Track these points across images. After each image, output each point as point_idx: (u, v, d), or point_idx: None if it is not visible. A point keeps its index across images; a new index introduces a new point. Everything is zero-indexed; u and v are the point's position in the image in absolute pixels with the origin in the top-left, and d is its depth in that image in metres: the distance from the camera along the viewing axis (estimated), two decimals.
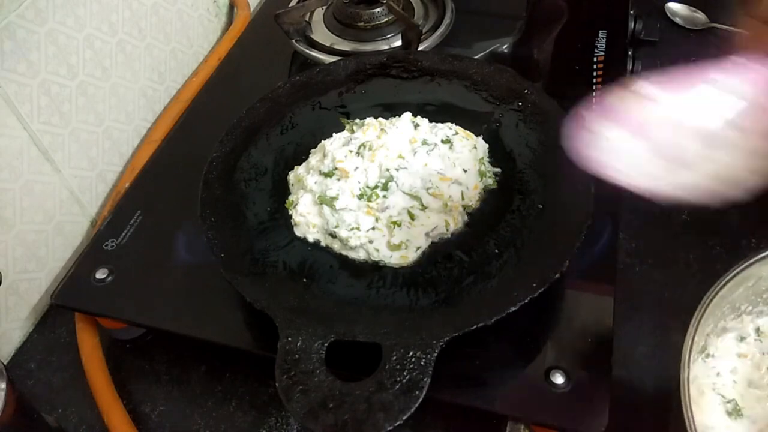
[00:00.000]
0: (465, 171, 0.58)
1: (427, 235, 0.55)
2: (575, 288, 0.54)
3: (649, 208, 0.69)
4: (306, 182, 0.58)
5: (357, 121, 0.63)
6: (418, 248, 0.54)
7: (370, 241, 0.54)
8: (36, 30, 0.60)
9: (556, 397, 0.47)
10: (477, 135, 0.62)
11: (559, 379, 0.48)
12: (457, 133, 0.61)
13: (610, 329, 0.50)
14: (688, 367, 0.44)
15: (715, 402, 0.50)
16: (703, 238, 0.66)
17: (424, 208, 0.55)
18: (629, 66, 0.74)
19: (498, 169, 0.60)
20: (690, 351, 0.45)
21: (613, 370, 0.48)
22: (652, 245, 0.66)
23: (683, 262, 0.64)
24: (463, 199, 0.57)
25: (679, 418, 0.42)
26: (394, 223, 0.54)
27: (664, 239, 0.66)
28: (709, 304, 0.47)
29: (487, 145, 0.62)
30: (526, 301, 0.46)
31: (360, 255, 0.54)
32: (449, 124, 0.62)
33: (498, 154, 0.61)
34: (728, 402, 0.49)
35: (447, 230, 0.55)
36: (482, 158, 0.60)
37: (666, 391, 0.56)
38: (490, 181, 0.59)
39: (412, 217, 0.55)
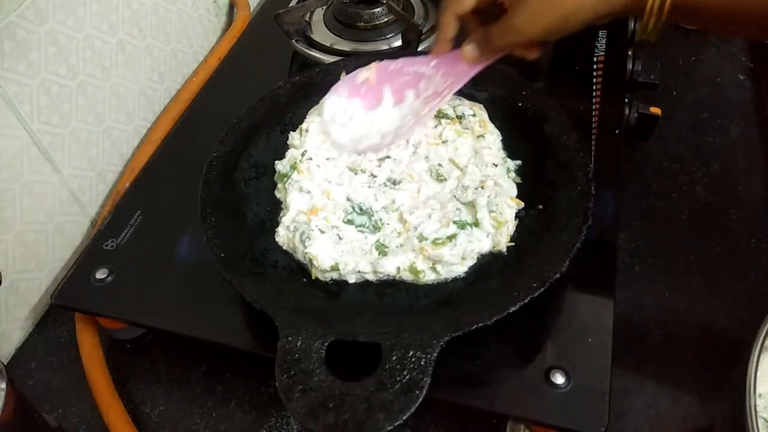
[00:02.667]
0: (495, 165, 0.57)
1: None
2: (575, 288, 0.53)
3: (649, 208, 0.69)
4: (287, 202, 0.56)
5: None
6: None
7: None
8: (36, 30, 0.60)
9: (556, 397, 0.47)
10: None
11: (559, 379, 0.48)
12: (474, 115, 0.61)
13: (610, 329, 0.50)
14: (755, 394, 0.42)
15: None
16: (703, 238, 0.66)
17: (476, 223, 0.52)
18: (629, 66, 0.74)
19: (519, 162, 0.59)
20: (755, 377, 0.42)
21: (612, 370, 0.48)
22: (652, 245, 0.66)
23: (683, 262, 0.64)
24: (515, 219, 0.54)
25: None
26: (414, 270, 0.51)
27: (664, 239, 0.66)
28: None
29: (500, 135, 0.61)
30: (526, 301, 0.46)
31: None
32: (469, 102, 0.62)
33: None
34: None
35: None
36: (505, 157, 0.59)
37: None
38: (514, 174, 0.58)
39: (436, 272, 0.51)
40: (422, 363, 0.42)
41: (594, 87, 0.70)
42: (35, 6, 0.59)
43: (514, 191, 0.56)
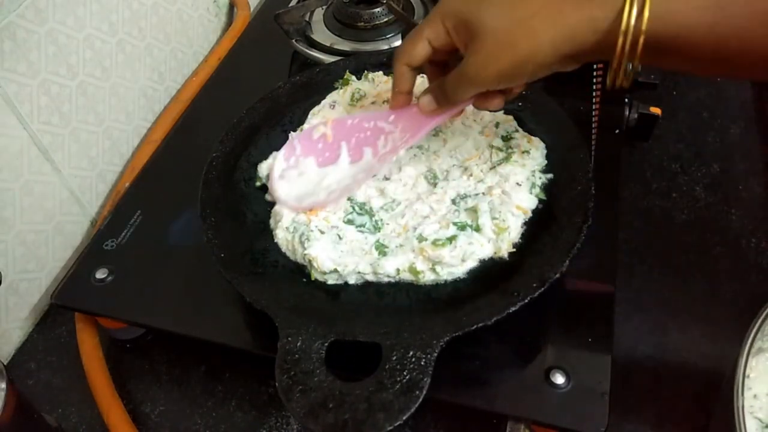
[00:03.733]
0: (519, 185, 0.54)
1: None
2: (575, 288, 0.53)
3: (649, 208, 0.69)
4: (280, 217, 0.55)
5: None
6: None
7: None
8: (36, 30, 0.60)
9: (556, 397, 0.47)
10: None
11: (559, 379, 0.48)
12: (517, 131, 0.59)
13: (610, 329, 0.50)
14: (743, 395, 0.42)
15: (752, 427, 0.45)
16: (703, 238, 0.66)
17: (477, 227, 0.52)
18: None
19: (550, 175, 0.56)
20: (743, 377, 0.43)
21: (612, 370, 0.48)
22: (652, 245, 0.66)
23: (683, 262, 0.64)
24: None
25: None
26: (414, 271, 0.51)
27: (664, 239, 0.66)
28: (759, 328, 0.45)
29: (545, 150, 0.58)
30: (526, 301, 0.46)
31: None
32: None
33: None
34: (766, 427, 0.46)
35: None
36: (535, 170, 0.56)
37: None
38: (538, 190, 0.55)
39: (436, 273, 0.50)
40: (422, 363, 0.42)
41: (594, 87, 0.70)
42: (35, 6, 0.59)
43: (527, 202, 0.54)
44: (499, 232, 0.51)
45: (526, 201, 0.54)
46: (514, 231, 0.52)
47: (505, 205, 0.53)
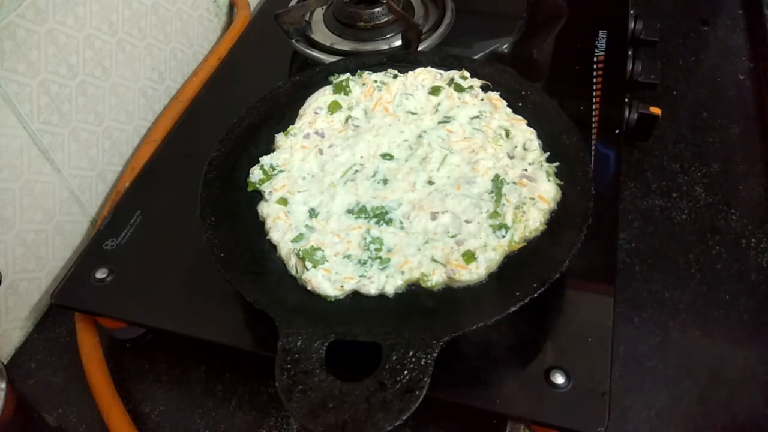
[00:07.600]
0: (531, 163, 0.56)
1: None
2: (575, 288, 0.54)
3: (649, 208, 0.69)
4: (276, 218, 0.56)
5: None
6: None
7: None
8: (36, 30, 0.60)
9: (556, 397, 0.47)
10: None
11: (559, 379, 0.48)
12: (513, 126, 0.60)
13: (610, 329, 0.50)
14: None
15: None
16: (703, 238, 0.66)
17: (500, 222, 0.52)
18: (629, 66, 0.74)
19: (557, 163, 0.57)
20: None
21: (612, 370, 0.48)
22: (652, 245, 0.66)
23: (683, 262, 0.64)
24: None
25: None
26: (423, 277, 0.51)
27: (664, 239, 0.66)
28: None
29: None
30: (526, 301, 0.46)
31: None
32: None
33: None
34: None
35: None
36: (541, 160, 0.57)
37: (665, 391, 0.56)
38: (553, 176, 0.56)
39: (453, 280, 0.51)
40: (422, 363, 0.42)
41: (594, 87, 0.70)
42: (35, 6, 0.59)
43: (549, 193, 0.54)
44: (519, 224, 0.52)
45: (548, 191, 0.54)
46: (531, 222, 0.52)
47: (530, 203, 0.53)
